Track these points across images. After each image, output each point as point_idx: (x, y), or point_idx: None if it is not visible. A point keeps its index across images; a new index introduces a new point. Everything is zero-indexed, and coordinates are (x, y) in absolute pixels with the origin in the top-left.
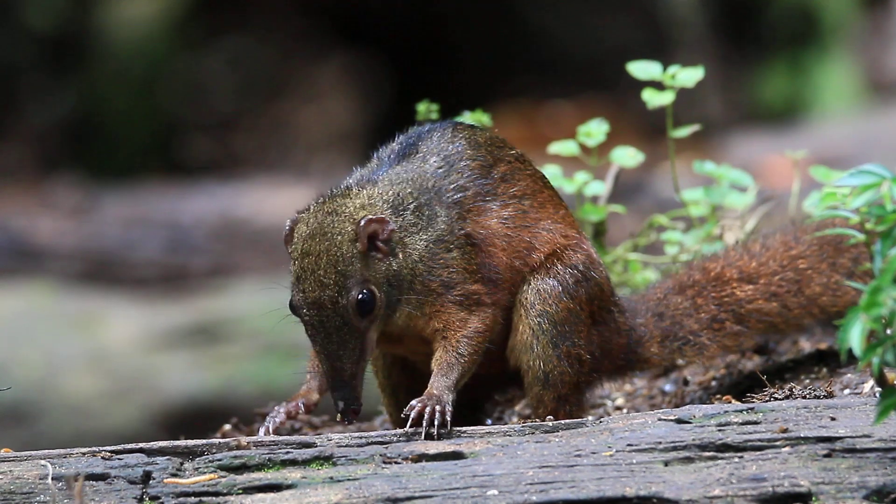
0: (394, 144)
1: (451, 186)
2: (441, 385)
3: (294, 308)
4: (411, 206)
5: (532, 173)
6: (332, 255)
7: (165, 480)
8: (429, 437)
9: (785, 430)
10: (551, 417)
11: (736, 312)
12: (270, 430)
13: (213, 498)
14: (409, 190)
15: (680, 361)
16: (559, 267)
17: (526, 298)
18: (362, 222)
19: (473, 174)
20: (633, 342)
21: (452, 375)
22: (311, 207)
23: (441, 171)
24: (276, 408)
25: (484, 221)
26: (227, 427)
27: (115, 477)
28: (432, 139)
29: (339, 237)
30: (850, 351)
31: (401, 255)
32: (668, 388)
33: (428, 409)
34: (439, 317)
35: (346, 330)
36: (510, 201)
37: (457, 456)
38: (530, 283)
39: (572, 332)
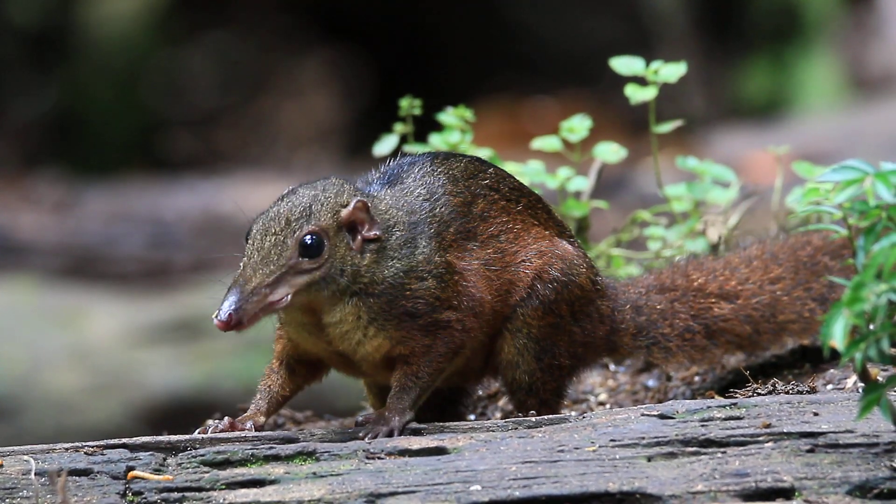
0: (375, 173)
1: (436, 219)
2: (396, 406)
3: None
4: (397, 234)
5: (504, 205)
6: (316, 197)
7: (129, 475)
8: (371, 455)
9: (768, 426)
10: (534, 413)
11: (709, 328)
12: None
13: (197, 493)
14: (401, 218)
15: (644, 359)
16: (538, 286)
17: (511, 323)
18: (358, 202)
19: (455, 211)
20: (612, 329)
21: (409, 397)
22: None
23: (427, 203)
24: (221, 421)
25: (467, 259)
26: (210, 423)
27: (97, 472)
28: (414, 172)
29: (332, 195)
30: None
31: (367, 260)
32: (651, 383)
33: (378, 433)
34: (405, 343)
35: (277, 253)
36: (489, 241)
37: (440, 451)
38: (515, 311)
39: (555, 344)
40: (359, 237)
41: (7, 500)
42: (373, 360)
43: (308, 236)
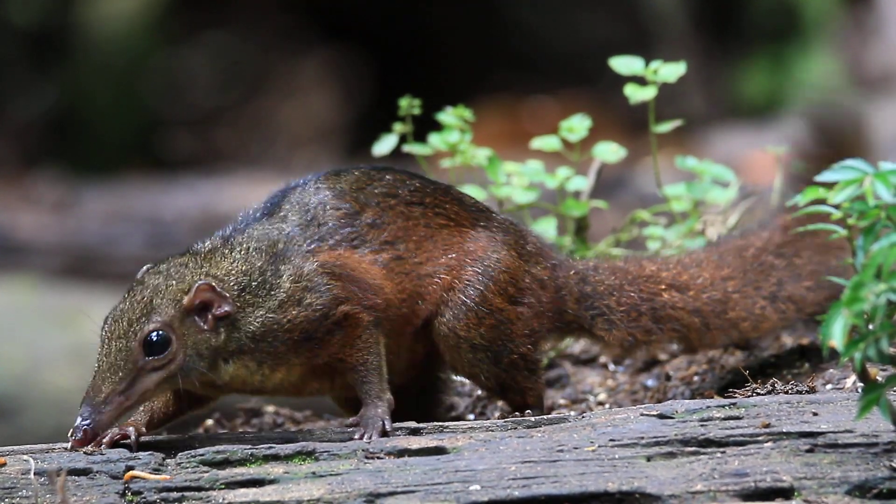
0: (262, 201)
1: (308, 239)
2: (371, 404)
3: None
4: (257, 282)
5: (403, 210)
6: (157, 289)
7: (127, 475)
8: (370, 455)
9: (767, 426)
10: (529, 412)
11: (657, 312)
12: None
13: (196, 493)
14: (258, 262)
15: (587, 330)
16: (459, 295)
17: (449, 340)
18: (200, 285)
19: (336, 224)
20: (556, 292)
21: (374, 387)
22: (170, 258)
23: (298, 227)
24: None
25: (350, 255)
26: (210, 422)
27: (97, 472)
28: (295, 194)
29: (174, 281)
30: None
31: (223, 336)
32: (650, 383)
33: (372, 430)
34: (320, 357)
35: (123, 359)
36: (384, 247)
37: (439, 451)
38: (443, 327)
39: (506, 340)
40: (209, 317)
41: (7, 500)
42: (290, 384)
43: (151, 335)
